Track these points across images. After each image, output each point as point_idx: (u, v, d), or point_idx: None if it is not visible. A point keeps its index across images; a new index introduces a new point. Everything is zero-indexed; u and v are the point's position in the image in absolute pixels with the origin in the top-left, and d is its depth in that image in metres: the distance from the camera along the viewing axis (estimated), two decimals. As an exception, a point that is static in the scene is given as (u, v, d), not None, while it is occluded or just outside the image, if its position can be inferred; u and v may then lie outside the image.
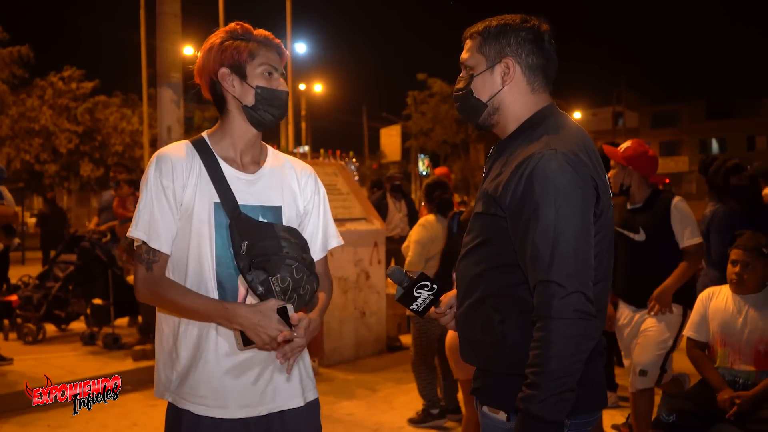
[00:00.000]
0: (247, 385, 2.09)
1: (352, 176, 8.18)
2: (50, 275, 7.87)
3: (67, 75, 23.87)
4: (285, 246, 2.03)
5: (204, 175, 2.07)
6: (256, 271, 1.99)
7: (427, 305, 2.09)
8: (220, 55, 2.09)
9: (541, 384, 1.68)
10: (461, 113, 2.06)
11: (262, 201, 2.13)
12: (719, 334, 3.64)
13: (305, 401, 2.19)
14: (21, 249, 17.77)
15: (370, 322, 7.29)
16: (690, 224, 4.00)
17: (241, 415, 2.08)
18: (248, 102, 2.10)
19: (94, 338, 7.34)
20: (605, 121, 43.52)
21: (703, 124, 47.19)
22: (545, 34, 1.95)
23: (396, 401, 5.62)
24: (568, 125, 1.92)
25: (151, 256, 2.04)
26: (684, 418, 3.52)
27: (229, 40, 2.10)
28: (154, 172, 2.05)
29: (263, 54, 2.10)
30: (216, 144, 2.15)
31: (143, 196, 2.05)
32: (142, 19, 19.13)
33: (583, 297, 1.70)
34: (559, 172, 1.74)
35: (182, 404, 2.08)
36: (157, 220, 2.03)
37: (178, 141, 2.20)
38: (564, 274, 1.70)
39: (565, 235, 1.71)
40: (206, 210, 2.05)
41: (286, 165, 2.25)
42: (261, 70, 2.09)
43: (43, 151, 23.60)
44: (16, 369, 6.20)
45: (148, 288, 2.05)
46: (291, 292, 2.03)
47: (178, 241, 2.06)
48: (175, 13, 7.01)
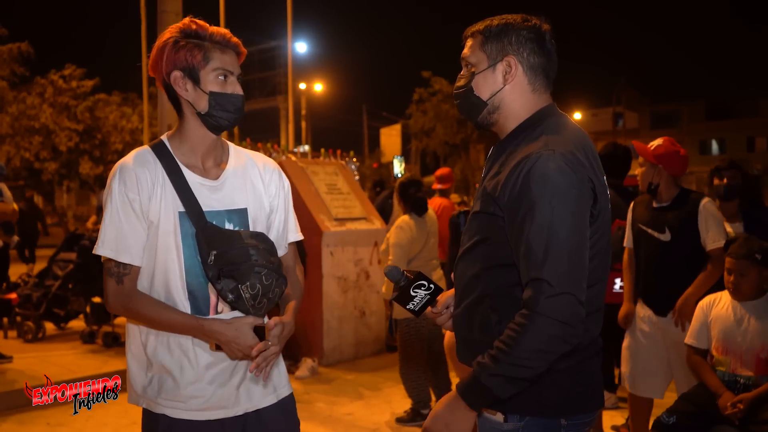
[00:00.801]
0: (223, 387, 2.09)
1: (353, 176, 8.16)
2: (49, 273, 7.87)
3: (67, 73, 23.86)
4: (253, 254, 2.00)
5: (167, 184, 2.03)
6: (226, 279, 1.96)
7: (423, 305, 2.09)
8: (174, 55, 2.02)
9: (500, 361, 1.73)
10: (461, 111, 2.06)
11: (227, 205, 2.10)
12: (720, 342, 3.61)
13: (278, 398, 2.21)
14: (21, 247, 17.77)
15: (369, 321, 7.29)
16: (715, 227, 3.88)
17: (218, 416, 2.09)
18: (202, 108, 2.05)
19: (94, 337, 7.33)
20: (605, 121, 43.47)
21: (702, 124, 47.13)
22: (546, 33, 1.95)
23: (395, 401, 5.62)
24: (568, 126, 1.92)
25: (121, 269, 2.02)
26: (684, 419, 3.52)
27: (183, 39, 2.03)
28: (118, 185, 2.01)
29: (218, 57, 2.03)
30: (176, 149, 2.10)
31: (108, 211, 2.02)
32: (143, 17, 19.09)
33: (573, 299, 1.70)
34: (556, 172, 1.74)
35: (158, 409, 2.08)
36: (125, 233, 2.00)
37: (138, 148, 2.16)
38: (556, 273, 1.69)
39: (559, 234, 1.71)
40: (171, 220, 2.02)
41: (248, 163, 2.22)
42: (215, 75, 2.03)
43: (43, 149, 23.59)
44: (16, 367, 6.19)
45: (120, 302, 2.03)
46: (261, 297, 2.01)
47: (146, 253, 2.04)
48: (176, 12, 7.01)
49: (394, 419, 5.15)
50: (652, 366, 4.06)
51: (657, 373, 4.06)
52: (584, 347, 1.88)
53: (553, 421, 1.87)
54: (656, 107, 49.46)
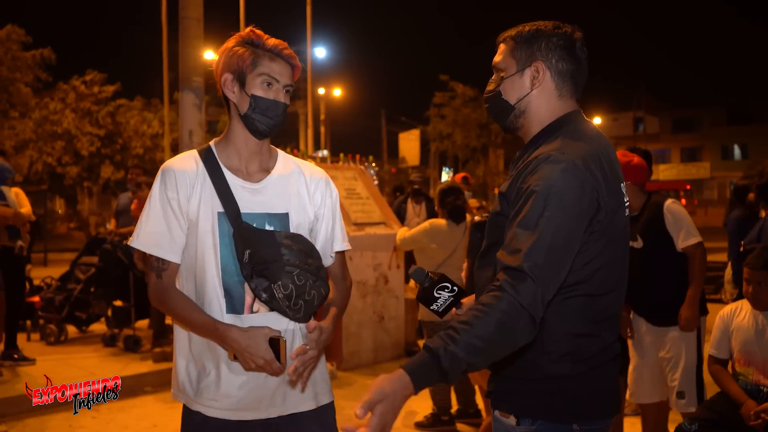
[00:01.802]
0: (258, 390, 2.11)
1: (372, 180, 8.18)
2: (72, 277, 7.95)
3: (89, 79, 24.13)
4: (285, 253, 2.04)
5: (208, 185, 2.10)
6: (259, 278, 2.02)
7: (447, 307, 2.11)
8: (228, 60, 2.12)
9: (458, 343, 1.61)
10: (490, 114, 2.09)
11: (268, 209, 2.14)
12: (742, 354, 3.58)
13: (318, 404, 2.20)
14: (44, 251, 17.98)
15: (388, 326, 7.29)
16: (684, 225, 3.91)
17: (250, 417, 2.11)
18: (243, 109, 2.12)
19: (115, 340, 7.40)
20: (626, 126, 43.26)
21: (724, 129, 46.70)
22: (577, 41, 1.96)
23: (414, 406, 5.61)
24: (587, 133, 1.93)
25: (159, 264, 2.10)
26: (706, 427, 3.48)
27: (238, 46, 2.12)
28: (159, 185, 2.11)
29: (266, 64, 2.10)
30: (221, 152, 2.18)
31: (146, 209, 2.11)
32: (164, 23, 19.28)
33: (539, 295, 1.67)
34: (559, 175, 1.75)
35: (194, 406, 2.12)
36: (163, 230, 2.08)
37: (189, 149, 2.22)
38: (532, 263, 1.67)
39: (546, 231, 1.70)
40: (210, 220, 2.08)
41: (295, 171, 2.25)
42: (260, 80, 2.09)
43: (65, 153, 23.86)
44: (39, 369, 6.26)
45: (156, 296, 2.12)
46: (296, 298, 2.04)
47: (186, 252, 2.11)
48: (197, 18, 7.05)
49: (413, 423, 5.15)
50: (648, 374, 4.07)
51: (653, 380, 4.07)
52: (596, 353, 1.87)
53: (565, 426, 1.87)
54: (677, 112, 49.07)
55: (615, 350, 1.94)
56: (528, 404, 1.87)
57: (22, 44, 21.83)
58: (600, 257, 1.83)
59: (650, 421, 4.12)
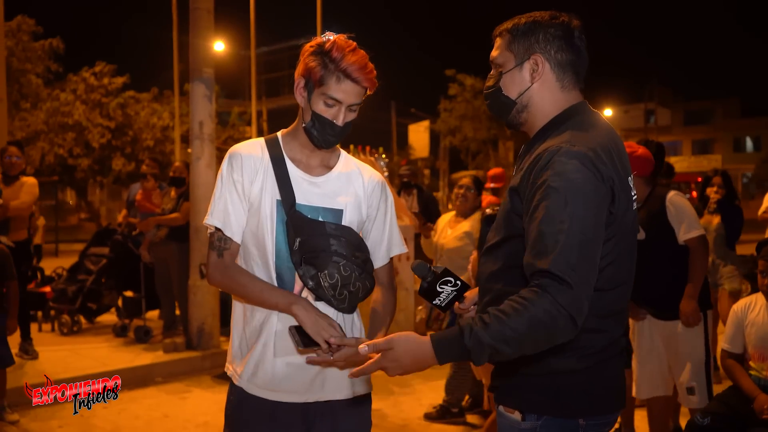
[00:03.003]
0: (298, 373, 2.14)
1: (383, 172, 8.16)
2: (81, 268, 7.99)
3: (98, 70, 24.16)
4: (334, 244, 2.11)
5: (270, 173, 2.16)
6: (307, 266, 2.09)
7: (450, 301, 2.11)
8: (303, 65, 2.13)
9: (489, 331, 1.63)
10: (491, 111, 2.06)
11: (325, 203, 2.19)
12: (757, 349, 3.56)
13: (354, 394, 2.23)
14: (55, 242, 18.08)
15: (398, 318, 7.27)
16: (686, 218, 3.90)
17: (287, 399, 2.15)
18: (305, 120, 2.16)
19: (126, 330, 7.44)
20: (637, 118, 42.97)
21: (737, 121, 46.35)
22: (575, 30, 1.92)
23: (424, 398, 5.61)
24: (596, 124, 1.90)
25: (222, 243, 2.16)
26: (719, 421, 3.48)
27: (314, 55, 2.10)
28: (227, 167, 2.17)
29: (332, 86, 2.08)
30: (287, 144, 2.23)
31: (217, 189, 2.18)
32: (174, 14, 19.29)
33: (579, 295, 1.63)
34: (573, 168, 1.72)
35: (238, 381, 2.19)
36: (229, 211, 2.15)
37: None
38: (565, 265, 1.64)
39: (572, 228, 1.66)
40: (269, 206, 2.14)
41: (355, 171, 2.29)
42: (323, 99, 2.10)
43: (76, 145, 23.93)
44: (50, 359, 6.30)
45: (219, 272, 2.16)
46: (341, 288, 2.11)
47: (246, 233, 2.17)
48: (208, 9, 7.03)
49: (423, 414, 5.15)
50: (652, 368, 4.06)
51: (657, 374, 4.06)
52: (602, 348, 1.86)
53: (571, 422, 1.86)
54: (689, 104, 48.73)
55: (621, 345, 1.93)
56: (533, 399, 1.86)
57: (33, 34, 21.87)
58: (610, 252, 1.81)
59: (656, 415, 4.10)
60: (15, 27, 21.23)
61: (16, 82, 21.41)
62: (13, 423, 4.94)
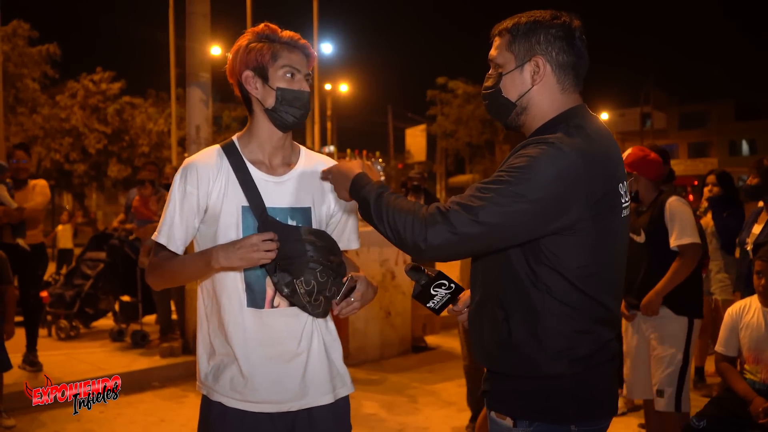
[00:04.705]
0: (277, 383, 2.11)
1: (379, 176, 8.17)
2: (78, 273, 7.97)
3: (97, 78, 24.14)
4: (309, 249, 2.06)
5: (233, 180, 2.11)
6: (282, 273, 2.04)
7: (444, 304, 2.10)
8: (245, 57, 2.12)
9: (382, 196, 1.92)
10: (490, 112, 2.03)
11: (291, 203, 2.15)
12: (752, 352, 3.56)
13: (335, 398, 2.21)
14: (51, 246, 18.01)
15: (395, 322, 7.29)
16: (679, 224, 3.90)
17: (268, 410, 2.12)
18: (269, 104, 2.12)
19: (123, 335, 7.42)
20: (633, 122, 43.02)
21: (732, 124, 46.37)
22: (576, 30, 1.89)
23: (421, 402, 5.61)
24: (591, 129, 1.86)
25: (160, 248, 2.16)
26: (715, 423, 3.48)
27: (255, 41, 2.12)
28: (179, 180, 2.13)
29: (286, 56, 2.11)
30: (245, 147, 2.19)
31: (167, 203, 2.16)
32: (170, 19, 19.31)
33: (451, 242, 1.73)
34: (544, 156, 1.73)
35: (214, 396, 2.15)
36: (175, 224, 2.13)
37: (207, 143, 2.25)
38: (474, 213, 1.71)
39: (503, 200, 1.71)
40: (234, 214, 2.10)
41: (318, 165, 2.25)
42: (283, 72, 2.10)
43: (72, 150, 23.90)
44: (47, 364, 6.27)
45: (150, 271, 2.20)
46: (317, 294, 2.07)
47: (206, 245, 2.11)
48: (204, 14, 7.05)
49: (430, 421, 5.14)
50: (643, 370, 4.06)
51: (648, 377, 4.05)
52: (593, 353, 1.85)
53: (563, 427, 1.84)
54: (685, 107, 48.78)
55: (613, 350, 1.91)
56: (525, 406, 1.85)
57: (29, 39, 21.87)
58: (596, 259, 1.80)
59: (653, 418, 4.10)
60: (11, 32, 21.24)
61: (12, 87, 21.39)
62: (9, 428, 4.92)
